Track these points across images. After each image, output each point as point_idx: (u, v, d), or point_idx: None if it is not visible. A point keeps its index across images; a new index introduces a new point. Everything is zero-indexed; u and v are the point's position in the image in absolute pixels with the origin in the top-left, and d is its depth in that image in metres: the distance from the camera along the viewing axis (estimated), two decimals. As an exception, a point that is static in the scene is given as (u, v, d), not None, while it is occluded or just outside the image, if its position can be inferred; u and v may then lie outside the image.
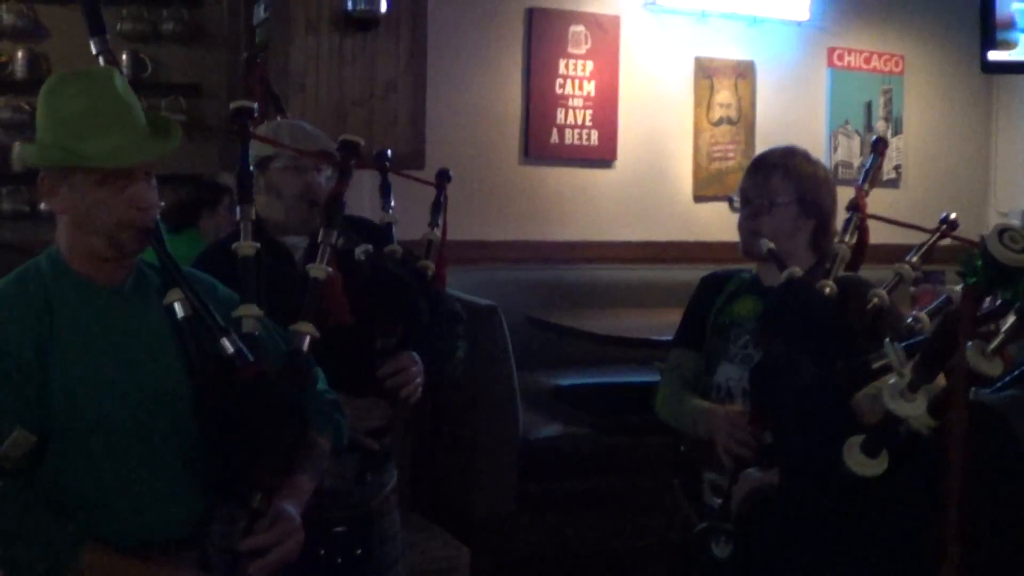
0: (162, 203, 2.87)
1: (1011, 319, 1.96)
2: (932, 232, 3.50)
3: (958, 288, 3.09)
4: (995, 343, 1.94)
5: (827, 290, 3.31)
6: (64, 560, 2.57)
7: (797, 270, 3.32)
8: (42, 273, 2.74)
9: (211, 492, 2.81)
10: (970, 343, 1.91)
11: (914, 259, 3.42)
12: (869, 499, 2.15)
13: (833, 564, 2.26)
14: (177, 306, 2.74)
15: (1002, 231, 1.84)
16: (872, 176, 3.69)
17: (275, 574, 2.71)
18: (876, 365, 2.66)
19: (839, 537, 2.24)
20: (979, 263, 1.87)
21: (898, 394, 1.98)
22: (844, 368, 2.72)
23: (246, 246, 3.07)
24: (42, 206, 8.10)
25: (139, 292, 2.82)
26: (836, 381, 2.66)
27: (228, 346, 2.70)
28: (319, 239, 3.27)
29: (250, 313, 2.86)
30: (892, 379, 2.14)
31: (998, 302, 2.01)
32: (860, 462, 2.05)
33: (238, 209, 3.22)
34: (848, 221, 3.55)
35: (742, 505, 2.65)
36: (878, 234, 3.73)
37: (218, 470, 2.73)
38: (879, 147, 3.77)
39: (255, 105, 3.44)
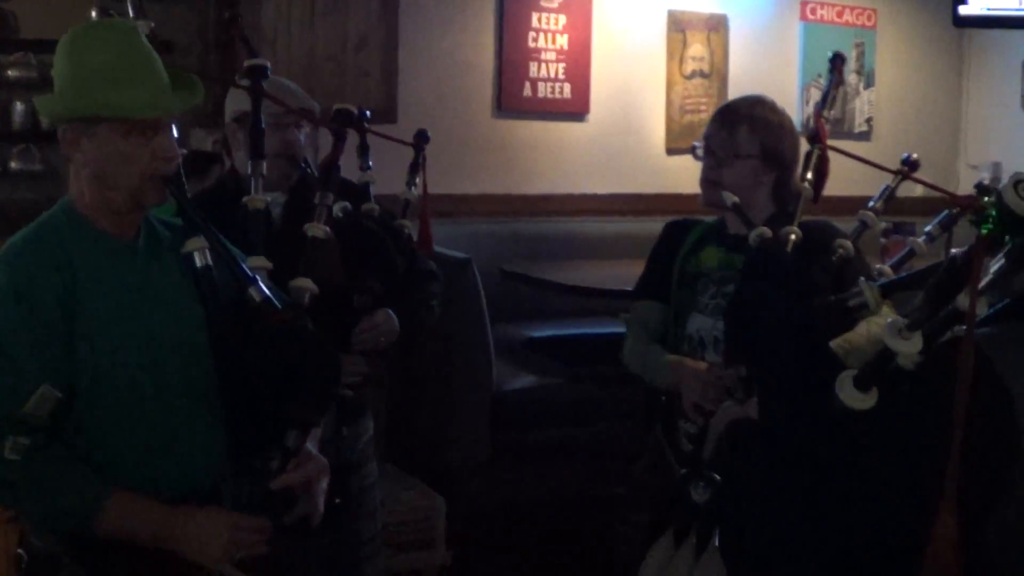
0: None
1: (999, 262, 2.05)
2: (895, 173, 3.51)
3: (921, 240, 3.20)
4: (984, 282, 2.04)
5: (792, 237, 3.33)
6: (92, 512, 2.61)
7: (766, 231, 3.30)
8: (59, 226, 2.73)
9: (231, 444, 2.83)
10: None
11: (877, 204, 3.44)
12: (850, 433, 2.21)
13: (815, 498, 2.30)
14: (196, 256, 2.77)
15: (1017, 182, 1.94)
16: (832, 99, 3.68)
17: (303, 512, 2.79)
18: (852, 303, 2.72)
19: (819, 470, 2.30)
20: (993, 212, 1.96)
21: (896, 332, 2.08)
22: (820, 305, 2.78)
23: (257, 200, 3.13)
24: (12, 165, 8.07)
25: (152, 246, 2.83)
26: (813, 318, 2.72)
27: (256, 294, 2.74)
28: (316, 200, 3.32)
29: (261, 265, 2.91)
30: (882, 318, 2.23)
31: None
32: (852, 396, 2.15)
33: (249, 164, 3.30)
34: (808, 155, 3.56)
35: (721, 439, 2.68)
36: (849, 186, 3.77)
37: (244, 418, 2.78)
38: (837, 63, 3.74)
39: (267, 64, 3.47)
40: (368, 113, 4.09)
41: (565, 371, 6.28)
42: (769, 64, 8.14)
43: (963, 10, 7.74)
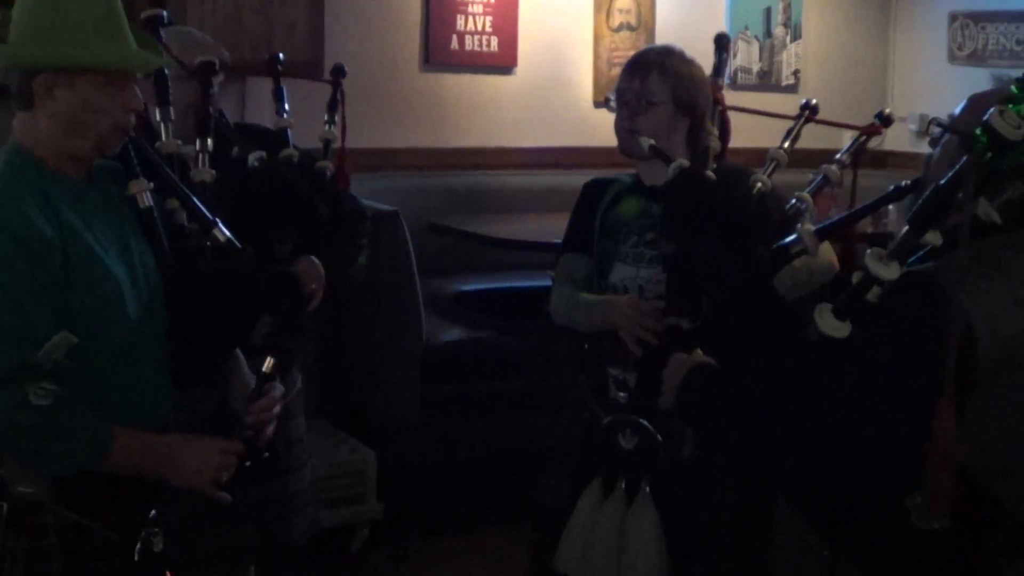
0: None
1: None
2: (795, 119, 3.60)
3: (834, 167, 3.34)
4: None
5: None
6: (104, 449, 2.72)
7: (684, 161, 3.38)
8: (25, 172, 2.76)
9: (176, 378, 2.98)
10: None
11: (785, 145, 3.52)
12: (823, 361, 2.36)
13: (787, 436, 2.37)
14: (138, 198, 2.92)
15: (1001, 111, 2.25)
16: (721, 71, 3.79)
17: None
18: (794, 250, 2.78)
19: (790, 399, 2.38)
20: (984, 137, 2.23)
21: (878, 259, 2.28)
22: (765, 254, 2.85)
23: (170, 143, 3.27)
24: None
25: (103, 187, 2.91)
26: (759, 266, 2.79)
27: (220, 235, 2.98)
28: (197, 148, 3.38)
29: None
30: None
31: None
32: (832, 325, 2.32)
33: (157, 111, 3.37)
34: (713, 114, 3.65)
35: (683, 388, 2.70)
36: (774, 139, 3.79)
37: (190, 352, 2.94)
38: (722, 43, 3.84)
39: (165, 12, 3.47)
40: (281, 56, 4.08)
41: (494, 324, 6.30)
42: (696, 16, 8.13)
43: (890, -38, 7.79)
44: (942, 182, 2.30)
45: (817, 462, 2.35)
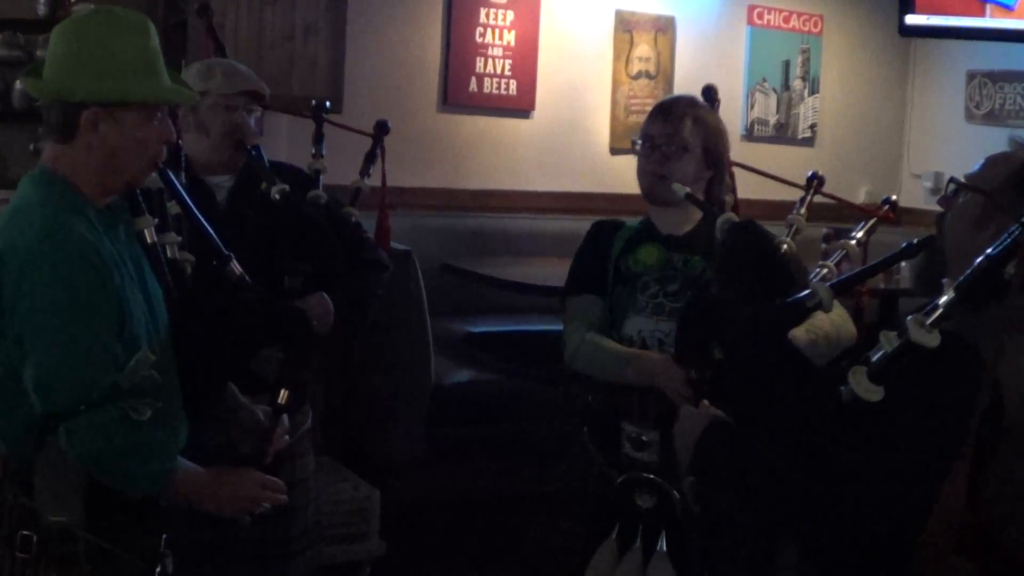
0: None
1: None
2: (804, 188, 3.65)
3: (853, 243, 3.35)
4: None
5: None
6: (171, 476, 2.78)
7: (733, 216, 3.40)
8: (67, 198, 2.76)
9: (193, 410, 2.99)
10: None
11: (802, 211, 3.55)
12: (851, 422, 2.34)
13: (816, 496, 2.36)
14: (146, 233, 2.97)
15: None
16: None
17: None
18: (810, 303, 2.79)
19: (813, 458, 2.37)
20: None
21: (920, 326, 2.24)
22: (781, 307, 2.85)
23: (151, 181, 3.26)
24: None
25: (121, 218, 2.93)
26: (776, 318, 2.79)
27: (236, 269, 3.18)
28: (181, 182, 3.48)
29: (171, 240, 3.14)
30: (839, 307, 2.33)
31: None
32: (867, 389, 2.29)
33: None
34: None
35: (700, 444, 2.68)
36: (791, 193, 3.82)
37: (198, 381, 2.98)
38: (711, 95, 4.03)
39: (328, 103, 3.76)
40: (328, 104, 4.21)
41: (503, 367, 6.29)
42: (715, 67, 8.15)
43: (909, 19, 7.80)
44: (990, 251, 2.26)
45: (847, 520, 2.32)
